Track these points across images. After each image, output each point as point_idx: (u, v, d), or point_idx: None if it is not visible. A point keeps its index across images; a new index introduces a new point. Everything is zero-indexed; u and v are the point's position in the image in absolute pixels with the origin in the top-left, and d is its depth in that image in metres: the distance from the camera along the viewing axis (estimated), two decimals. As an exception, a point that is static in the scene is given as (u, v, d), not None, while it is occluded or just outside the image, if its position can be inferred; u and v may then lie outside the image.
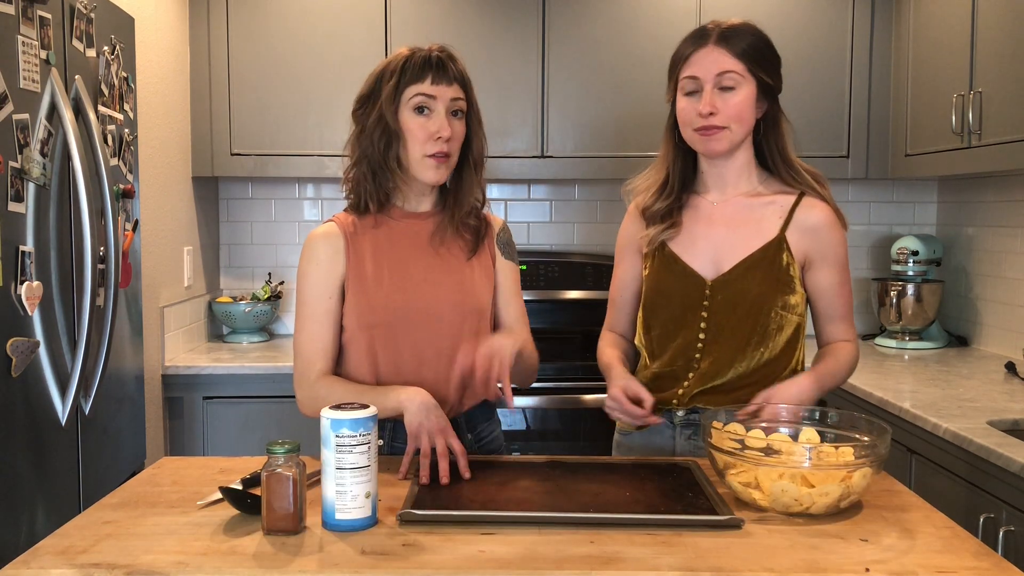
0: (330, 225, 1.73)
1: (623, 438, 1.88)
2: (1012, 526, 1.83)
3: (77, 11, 2.06)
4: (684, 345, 1.75)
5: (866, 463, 1.36)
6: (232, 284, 3.63)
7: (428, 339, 1.70)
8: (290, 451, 1.29)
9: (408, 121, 1.66)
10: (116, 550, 1.23)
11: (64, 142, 1.97)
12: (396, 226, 1.73)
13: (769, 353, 1.73)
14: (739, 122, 1.69)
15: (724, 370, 1.73)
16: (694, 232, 1.77)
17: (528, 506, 1.38)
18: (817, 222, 1.74)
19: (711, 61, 1.69)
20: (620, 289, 1.90)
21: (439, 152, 1.66)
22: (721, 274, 1.73)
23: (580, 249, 3.61)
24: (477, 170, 1.75)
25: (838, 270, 1.77)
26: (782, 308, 1.73)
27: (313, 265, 1.70)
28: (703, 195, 1.80)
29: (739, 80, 1.68)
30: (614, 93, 3.21)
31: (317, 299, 1.69)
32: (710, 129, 1.69)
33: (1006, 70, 2.52)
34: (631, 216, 1.88)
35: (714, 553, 1.22)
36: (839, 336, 1.80)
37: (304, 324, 1.70)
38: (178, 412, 2.99)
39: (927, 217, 3.61)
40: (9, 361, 1.80)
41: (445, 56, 1.68)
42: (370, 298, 1.69)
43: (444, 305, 1.71)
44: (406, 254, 1.72)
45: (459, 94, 1.68)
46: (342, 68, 3.18)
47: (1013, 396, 2.42)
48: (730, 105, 1.68)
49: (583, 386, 2.97)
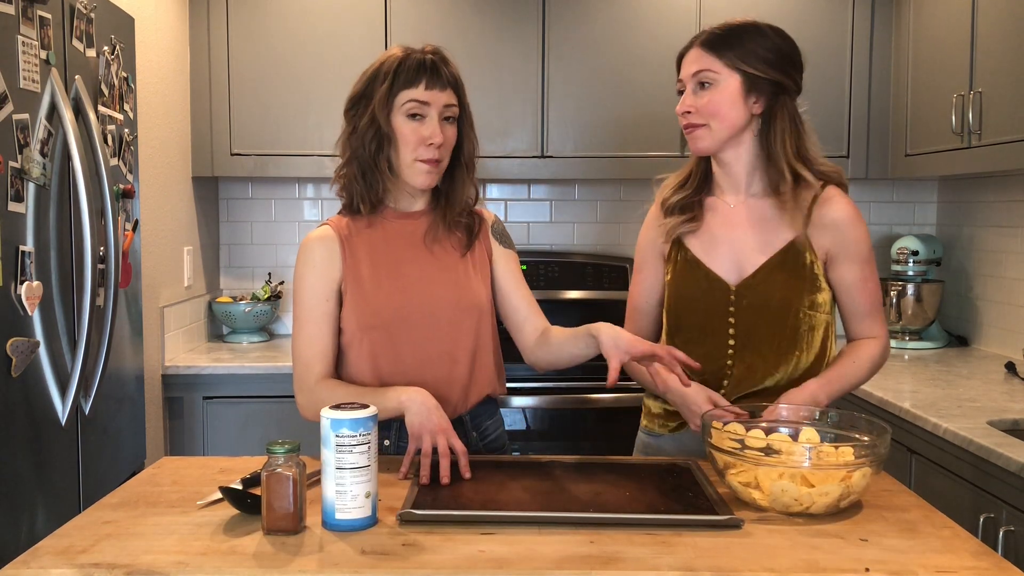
0: (325, 228, 1.73)
1: (652, 439, 1.85)
2: (1012, 526, 1.83)
3: (77, 11, 2.06)
4: (712, 351, 1.74)
5: (866, 463, 1.36)
6: (232, 284, 3.63)
7: (428, 338, 1.70)
8: (290, 451, 1.29)
9: (401, 125, 1.66)
10: (116, 550, 1.23)
11: (64, 142, 1.97)
12: (390, 227, 1.74)
13: (806, 356, 1.73)
14: (716, 118, 1.69)
15: (762, 376, 1.72)
16: (714, 235, 1.76)
17: (528, 506, 1.38)
18: (838, 217, 1.72)
19: (690, 62, 1.73)
20: (643, 295, 1.87)
21: (430, 158, 1.66)
22: (745, 278, 1.72)
23: (580, 249, 3.61)
24: (469, 171, 1.76)
25: (861, 265, 1.74)
26: (809, 308, 1.72)
27: (309, 268, 1.70)
28: (720, 197, 1.79)
29: (715, 77, 1.68)
30: (614, 93, 3.21)
31: (314, 302, 1.69)
32: (689, 128, 1.72)
33: (1006, 70, 2.52)
34: (652, 221, 1.86)
35: (714, 553, 1.22)
36: (865, 333, 1.77)
37: (302, 328, 1.70)
38: (178, 412, 2.99)
39: (927, 217, 3.61)
40: (9, 361, 1.80)
41: (439, 59, 1.68)
42: (369, 301, 1.69)
43: (442, 304, 1.71)
44: (401, 255, 1.72)
45: (452, 100, 1.68)
46: (342, 68, 3.18)
47: (1013, 396, 2.42)
48: (705, 103, 1.69)
49: (583, 386, 2.97)
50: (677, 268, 1.78)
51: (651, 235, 1.85)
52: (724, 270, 1.74)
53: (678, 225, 1.77)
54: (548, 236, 3.64)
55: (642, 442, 1.88)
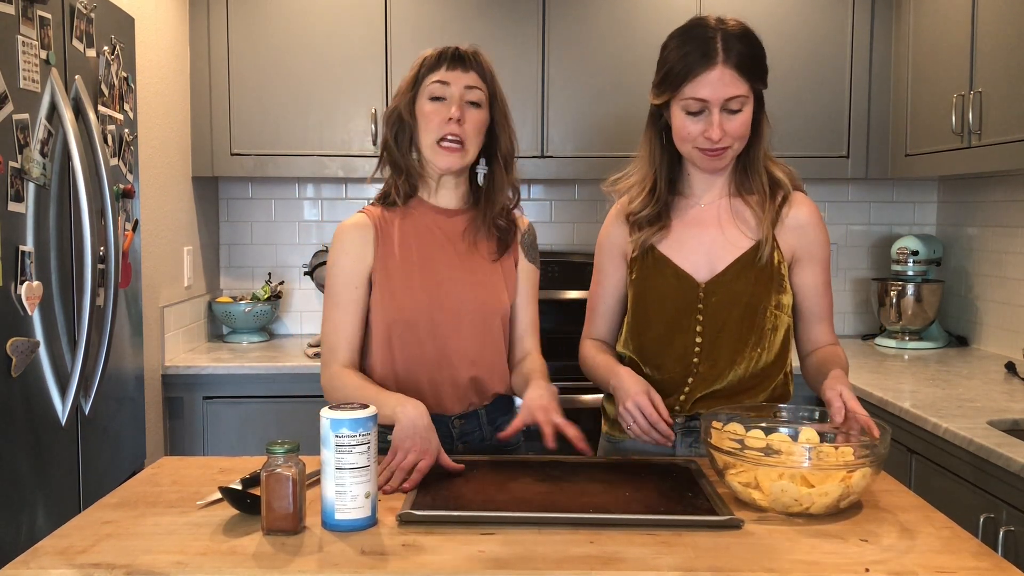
0: (360, 216, 1.76)
1: (614, 445, 1.83)
2: (1012, 526, 1.83)
3: (77, 11, 2.06)
4: (681, 350, 1.73)
5: (866, 463, 1.36)
6: (232, 284, 3.63)
7: (449, 338, 1.71)
8: (290, 451, 1.29)
9: (424, 107, 1.70)
10: (116, 550, 1.23)
11: (64, 142, 1.97)
12: (425, 221, 1.75)
13: (767, 355, 1.72)
14: (742, 140, 1.68)
15: (723, 373, 1.72)
16: (683, 234, 1.75)
17: (528, 506, 1.38)
18: (805, 220, 1.73)
19: (721, 85, 1.61)
20: (603, 296, 1.85)
21: (450, 134, 1.67)
22: (714, 275, 1.72)
23: (580, 249, 3.61)
24: (507, 168, 1.76)
25: (823, 269, 1.76)
26: (776, 308, 1.72)
27: (343, 255, 1.73)
28: (688, 197, 1.78)
29: (744, 101, 1.64)
30: (614, 93, 3.21)
31: (343, 288, 1.72)
32: (716, 152, 1.66)
33: (1006, 70, 2.52)
34: (613, 220, 1.84)
35: (714, 553, 1.22)
36: (826, 339, 1.77)
37: (330, 313, 1.73)
38: (178, 412, 2.99)
39: (927, 217, 3.61)
40: (9, 361, 1.80)
41: (466, 50, 1.71)
42: (395, 294, 1.71)
43: (468, 306, 1.72)
44: (433, 251, 1.74)
45: (475, 83, 1.69)
46: (342, 68, 3.18)
47: (1013, 396, 2.42)
48: (735, 127, 1.65)
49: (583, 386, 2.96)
50: (645, 266, 1.76)
51: (613, 235, 1.82)
52: (693, 268, 1.73)
53: (650, 236, 1.75)
54: (548, 236, 3.64)
55: (604, 449, 1.86)
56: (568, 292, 3.46)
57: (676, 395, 1.74)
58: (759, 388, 1.73)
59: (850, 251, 3.64)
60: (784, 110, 1.68)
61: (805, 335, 1.79)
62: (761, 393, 1.73)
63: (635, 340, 1.78)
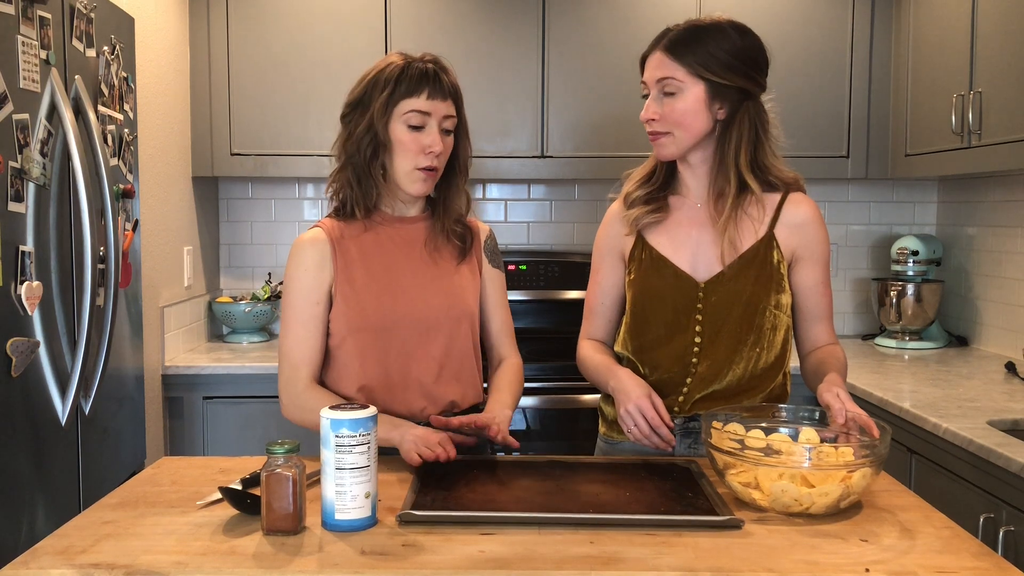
0: (316, 231, 1.73)
1: (611, 446, 1.83)
2: (1012, 526, 1.83)
3: (77, 11, 2.06)
4: (680, 350, 1.73)
5: (866, 463, 1.36)
6: (232, 284, 3.63)
7: (418, 344, 1.71)
8: (290, 451, 1.29)
9: (400, 134, 1.67)
10: (116, 550, 1.23)
11: (64, 142, 1.97)
12: (385, 231, 1.74)
13: (766, 355, 1.72)
14: (681, 127, 1.67)
15: (722, 373, 1.71)
16: (680, 234, 1.75)
17: (528, 506, 1.38)
18: (805, 218, 1.73)
19: (653, 67, 1.69)
20: (600, 296, 1.84)
21: (428, 166, 1.68)
22: (714, 275, 1.71)
23: (580, 249, 3.61)
24: (463, 177, 1.78)
25: (822, 268, 1.75)
26: (775, 307, 1.72)
27: (301, 270, 1.71)
28: (686, 197, 1.78)
29: (680, 86, 1.65)
30: (614, 93, 3.21)
31: (304, 304, 1.70)
32: (653, 135, 1.70)
33: (1006, 70, 2.52)
34: (610, 220, 1.84)
35: (714, 553, 1.22)
36: (826, 339, 1.77)
37: (290, 328, 1.71)
38: (178, 412, 2.99)
39: (927, 217, 3.61)
40: (9, 361, 1.80)
41: (439, 69, 1.69)
42: (360, 303, 1.69)
43: (435, 311, 1.72)
44: (396, 260, 1.73)
45: (451, 111, 1.69)
46: (342, 69, 3.18)
47: (1013, 396, 2.42)
48: (669, 111, 1.66)
49: (583, 386, 2.97)
50: (643, 266, 1.76)
51: (610, 235, 1.83)
52: (691, 267, 1.73)
53: (643, 215, 1.75)
54: (548, 236, 3.64)
55: (601, 450, 1.86)
56: (568, 292, 3.46)
57: (675, 395, 1.73)
58: (758, 388, 1.73)
59: (850, 251, 3.64)
60: (784, 110, 1.68)
61: (804, 335, 1.78)
62: (760, 393, 1.73)
63: (634, 340, 1.78)
